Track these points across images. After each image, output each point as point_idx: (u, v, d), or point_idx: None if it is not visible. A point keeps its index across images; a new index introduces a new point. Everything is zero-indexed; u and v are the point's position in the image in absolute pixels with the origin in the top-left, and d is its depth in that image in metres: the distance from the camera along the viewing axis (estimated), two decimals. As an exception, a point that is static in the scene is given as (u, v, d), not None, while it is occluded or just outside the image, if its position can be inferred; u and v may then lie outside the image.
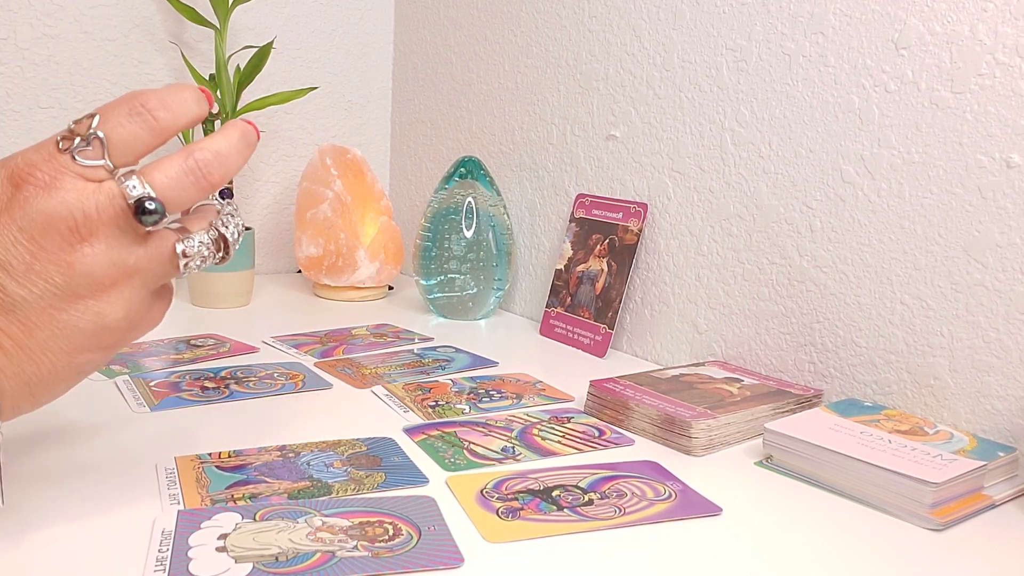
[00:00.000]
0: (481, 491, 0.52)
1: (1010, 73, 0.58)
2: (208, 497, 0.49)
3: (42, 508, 0.46)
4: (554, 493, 0.52)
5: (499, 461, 0.57)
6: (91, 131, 0.40)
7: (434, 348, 0.85)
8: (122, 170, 0.41)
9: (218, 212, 0.45)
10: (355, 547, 0.43)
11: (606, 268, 0.87)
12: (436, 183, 1.03)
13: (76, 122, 0.41)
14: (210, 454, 0.55)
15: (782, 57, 0.72)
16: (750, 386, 0.69)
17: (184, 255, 0.43)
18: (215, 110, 0.98)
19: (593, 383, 0.68)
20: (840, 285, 0.69)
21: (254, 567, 0.41)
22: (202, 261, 0.44)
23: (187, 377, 0.71)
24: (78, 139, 0.40)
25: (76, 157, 0.40)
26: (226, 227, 0.44)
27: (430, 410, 0.66)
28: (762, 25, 0.74)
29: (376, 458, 0.56)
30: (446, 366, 0.79)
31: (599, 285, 0.87)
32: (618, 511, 0.50)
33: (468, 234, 0.95)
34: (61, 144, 0.40)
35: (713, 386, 0.69)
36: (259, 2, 1.14)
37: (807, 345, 0.72)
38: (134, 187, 0.40)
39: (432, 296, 0.98)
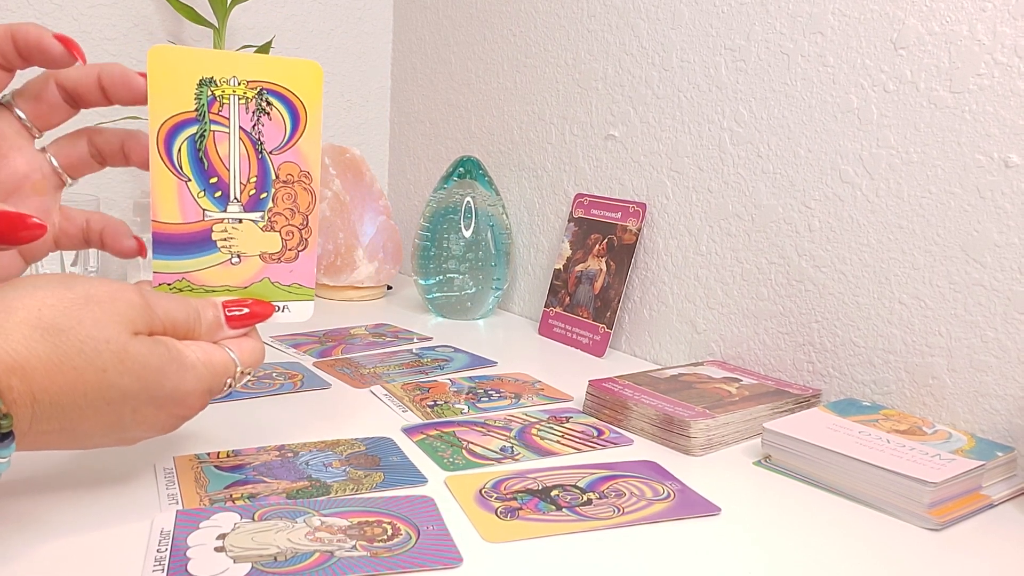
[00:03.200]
0: (480, 491, 0.52)
1: (1008, 73, 0.58)
2: (207, 497, 0.49)
3: (41, 508, 0.46)
4: (553, 493, 0.52)
5: (498, 461, 0.57)
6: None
7: (433, 348, 0.85)
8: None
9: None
10: (354, 547, 0.43)
11: (605, 268, 0.87)
12: (435, 183, 1.03)
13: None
14: (209, 454, 0.55)
15: (781, 57, 0.72)
16: (748, 386, 0.69)
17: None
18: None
19: (592, 383, 0.68)
20: (839, 285, 0.69)
21: (253, 567, 0.41)
22: None
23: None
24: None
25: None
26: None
27: (429, 410, 0.66)
28: (761, 25, 0.74)
29: (375, 458, 0.56)
30: (445, 366, 0.79)
31: (598, 285, 0.87)
32: (617, 511, 0.50)
33: (467, 234, 0.95)
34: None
35: (712, 386, 0.69)
36: (258, 1, 1.14)
37: (805, 345, 0.72)
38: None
39: (431, 296, 0.98)
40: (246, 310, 0.49)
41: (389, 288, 1.12)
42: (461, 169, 0.97)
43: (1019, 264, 0.59)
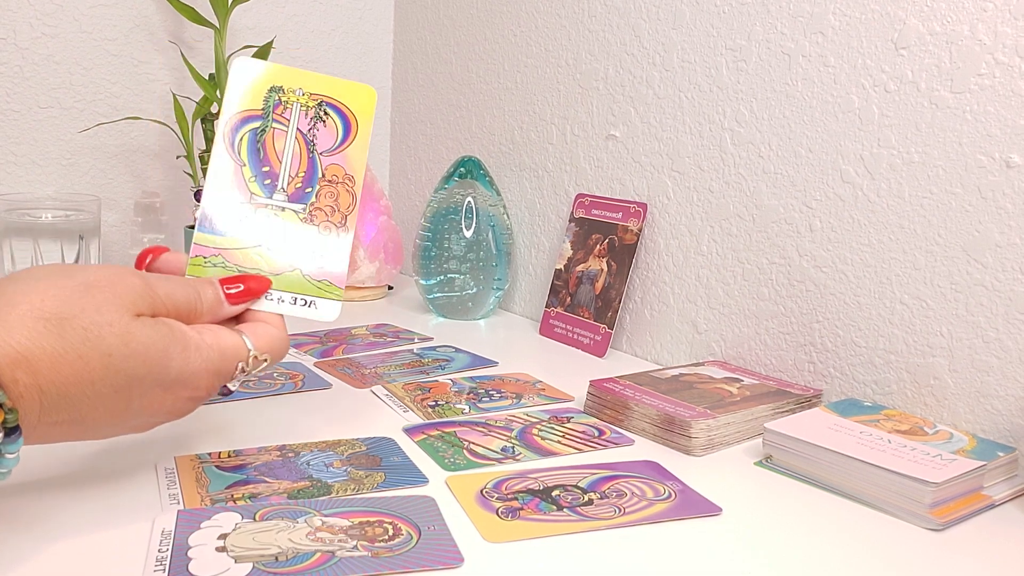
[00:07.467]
0: (481, 491, 0.52)
1: (1010, 73, 0.58)
2: (208, 497, 0.49)
3: (42, 508, 0.46)
4: (554, 493, 0.52)
5: (499, 461, 0.57)
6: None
7: (434, 348, 0.85)
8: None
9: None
10: (355, 547, 0.43)
11: (606, 268, 0.87)
12: (436, 183, 1.03)
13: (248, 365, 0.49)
14: (210, 454, 0.55)
15: (782, 57, 0.72)
16: (750, 386, 0.69)
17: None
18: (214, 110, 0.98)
19: (593, 383, 0.68)
20: (840, 285, 0.69)
21: (254, 567, 0.41)
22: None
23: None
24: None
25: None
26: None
27: (430, 410, 0.66)
28: (762, 25, 0.74)
29: (376, 458, 0.56)
30: (446, 366, 0.79)
31: (599, 285, 0.87)
32: (618, 511, 0.50)
33: (468, 234, 0.95)
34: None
35: (713, 386, 0.69)
36: (259, 2, 1.14)
37: (807, 345, 0.72)
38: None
39: (432, 296, 0.98)
40: (242, 287, 0.50)
41: (390, 288, 1.12)
42: (462, 169, 0.98)
43: (1020, 264, 0.59)
